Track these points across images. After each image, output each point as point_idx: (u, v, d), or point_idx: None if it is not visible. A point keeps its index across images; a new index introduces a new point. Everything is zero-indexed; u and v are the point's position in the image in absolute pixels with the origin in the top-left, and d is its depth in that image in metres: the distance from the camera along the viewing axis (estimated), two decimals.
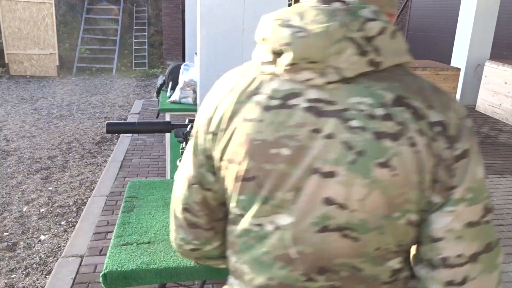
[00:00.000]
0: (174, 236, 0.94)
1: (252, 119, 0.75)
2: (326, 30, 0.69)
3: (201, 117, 0.85)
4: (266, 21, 0.76)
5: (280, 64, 0.73)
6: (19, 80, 9.59)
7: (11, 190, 4.07)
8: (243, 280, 0.85)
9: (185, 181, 0.88)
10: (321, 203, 0.73)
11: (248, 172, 0.77)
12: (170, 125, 1.55)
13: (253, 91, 0.76)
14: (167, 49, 11.94)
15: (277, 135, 0.73)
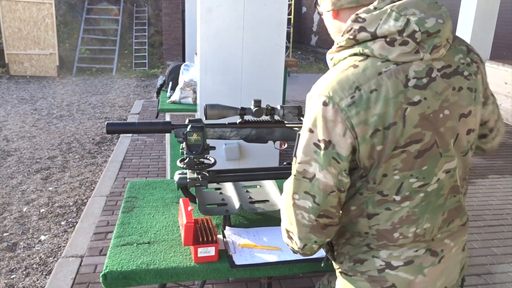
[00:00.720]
0: (303, 243, 1.02)
1: (417, 101, 0.93)
2: (447, 15, 0.99)
3: (355, 125, 0.92)
4: (390, 17, 0.92)
5: (427, 50, 0.93)
6: (19, 80, 9.59)
7: (11, 190, 4.07)
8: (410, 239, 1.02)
9: (319, 193, 0.96)
10: (466, 135, 1.02)
11: (430, 143, 0.95)
12: (170, 125, 1.55)
13: (403, 80, 0.92)
14: (167, 49, 11.94)
15: (439, 103, 0.95)
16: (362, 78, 0.91)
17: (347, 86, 0.91)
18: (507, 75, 6.65)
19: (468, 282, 2.74)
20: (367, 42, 0.93)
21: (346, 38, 0.96)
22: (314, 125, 0.94)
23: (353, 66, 0.93)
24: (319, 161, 0.94)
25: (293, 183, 0.99)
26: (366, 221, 1.03)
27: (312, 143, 0.95)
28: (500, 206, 3.85)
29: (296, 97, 8.39)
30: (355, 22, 0.94)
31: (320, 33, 16.58)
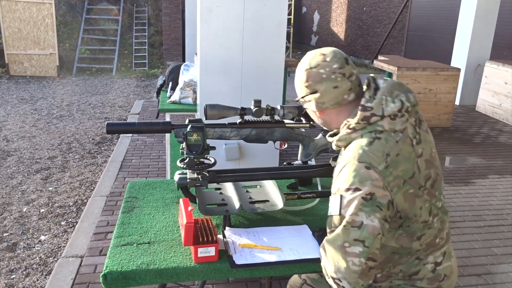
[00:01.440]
0: (352, 287, 1.17)
1: (421, 153, 1.27)
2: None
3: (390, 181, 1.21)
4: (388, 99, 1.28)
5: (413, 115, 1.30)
6: (19, 81, 9.59)
7: (11, 191, 4.07)
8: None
9: (368, 237, 1.17)
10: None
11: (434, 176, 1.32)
12: (170, 125, 1.55)
13: (409, 142, 1.26)
14: (167, 49, 11.94)
15: (429, 147, 1.32)
16: (388, 148, 1.22)
17: (380, 154, 1.21)
18: (507, 75, 6.65)
19: (468, 282, 2.74)
20: (377, 122, 1.24)
21: (359, 123, 1.25)
22: (360, 184, 1.18)
23: (377, 139, 1.23)
24: (366, 210, 1.17)
25: (342, 234, 1.18)
26: (418, 242, 1.33)
27: (360, 197, 1.17)
28: (500, 206, 3.85)
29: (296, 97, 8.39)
30: (365, 111, 1.25)
31: (320, 33, 16.59)
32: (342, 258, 1.17)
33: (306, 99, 1.33)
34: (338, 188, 1.22)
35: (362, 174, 1.18)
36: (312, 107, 1.33)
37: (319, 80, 1.28)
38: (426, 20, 11.21)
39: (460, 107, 7.53)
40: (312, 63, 1.30)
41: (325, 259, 1.23)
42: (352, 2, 14.35)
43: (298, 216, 1.71)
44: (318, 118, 1.39)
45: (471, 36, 7.48)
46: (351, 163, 1.20)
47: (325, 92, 1.29)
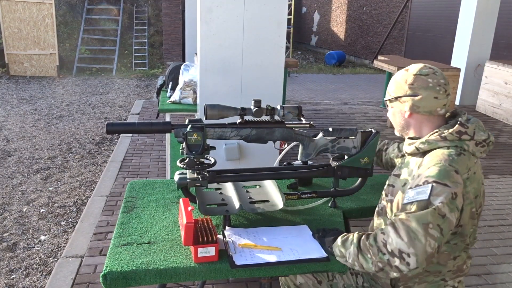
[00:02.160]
0: (417, 265, 1.25)
1: (483, 183, 1.44)
2: None
3: (466, 191, 1.36)
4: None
5: (487, 151, 1.44)
6: (19, 81, 9.59)
7: (11, 191, 4.07)
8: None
9: (446, 228, 1.27)
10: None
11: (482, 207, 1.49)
12: (170, 125, 1.55)
13: (481, 170, 1.44)
14: (167, 49, 11.94)
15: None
16: (470, 164, 1.37)
17: (465, 167, 1.35)
18: (507, 75, 6.65)
19: (468, 282, 2.74)
20: (465, 141, 1.39)
21: (452, 134, 1.39)
22: (450, 182, 1.29)
23: (462, 155, 1.37)
24: (450, 206, 1.27)
25: (430, 215, 1.26)
26: (452, 262, 1.45)
27: (449, 192, 1.28)
28: (500, 206, 3.85)
29: (296, 97, 8.40)
30: (462, 127, 1.40)
31: (320, 33, 16.59)
32: (423, 235, 1.24)
33: (402, 99, 1.46)
34: (426, 180, 1.30)
35: (452, 176, 1.30)
36: (405, 108, 1.46)
37: (424, 86, 1.43)
38: (426, 20, 11.21)
39: (460, 107, 7.53)
40: (423, 71, 1.45)
41: (394, 234, 1.26)
42: (352, 2, 14.35)
43: (298, 216, 1.71)
44: (402, 120, 1.50)
45: (471, 36, 7.48)
46: (442, 164, 1.32)
47: (425, 98, 1.43)
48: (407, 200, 1.32)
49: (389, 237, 1.27)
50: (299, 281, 1.73)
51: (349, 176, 1.73)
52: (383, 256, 1.27)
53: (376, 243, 1.30)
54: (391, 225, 1.29)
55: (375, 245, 1.29)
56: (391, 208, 1.48)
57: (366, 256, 1.30)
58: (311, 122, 1.68)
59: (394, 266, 1.25)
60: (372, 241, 1.31)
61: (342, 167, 1.71)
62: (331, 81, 10.55)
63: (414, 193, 1.31)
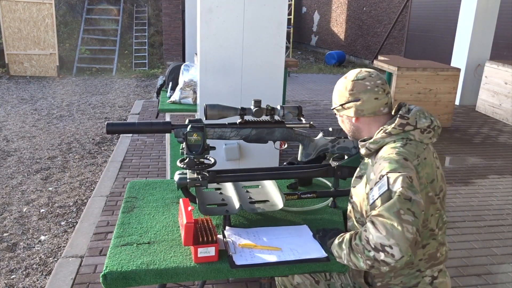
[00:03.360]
0: (402, 255, 1.24)
1: (438, 166, 1.51)
2: None
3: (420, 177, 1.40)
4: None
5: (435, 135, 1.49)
6: (19, 81, 9.59)
7: (11, 191, 4.07)
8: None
9: (417, 209, 1.28)
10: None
11: (445, 190, 1.54)
12: (170, 125, 1.55)
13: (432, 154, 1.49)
14: (167, 49, 11.94)
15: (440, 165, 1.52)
16: (418, 151, 1.43)
17: (413, 154, 1.41)
18: (507, 75, 6.65)
19: (468, 282, 2.74)
20: (410, 131, 1.44)
21: (396, 129, 1.45)
22: (402, 169, 1.34)
23: (408, 144, 1.43)
24: (411, 188, 1.30)
25: (397, 202, 1.27)
26: (421, 250, 1.47)
27: (404, 176, 1.32)
28: (500, 206, 3.85)
29: (296, 97, 8.40)
30: (402, 119, 1.45)
31: (320, 33, 16.59)
32: (398, 223, 1.24)
33: (346, 106, 1.51)
34: (381, 175, 1.35)
35: (402, 163, 1.36)
36: (350, 113, 1.52)
37: (363, 90, 1.49)
38: (426, 20, 11.21)
39: (460, 107, 7.53)
40: (360, 76, 1.51)
41: (373, 229, 1.28)
42: (352, 2, 14.35)
43: (298, 216, 1.71)
44: (351, 125, 1.55)
45: (471, 36, 7.48)
46: (390, 156, 1.38)
47: (367, 101, 1.49)
48: (372, 199, 1.36)
49: (369, 234, 1.29)
50: (296, 281, 1.72)
51: (349, 176, 1.73)
52: (368, 253, 1.28)
53: (361, 242, 1.32)
54: (370, 222, 1.31)
55: (361, 243, 1.31)
56: (356, 209, 1.52)
57: (357, 255, 1.32)
58: (311, 122, 1.68)
59: (381, 261, 1.26)
60: (358, 240, 1.33)
61: (342, 167, 1.71)
62: (331, 81, 10.55)
63: (376, 190, 1.35)
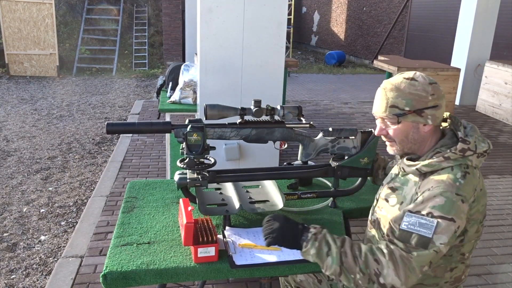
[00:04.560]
0: None
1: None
2: None
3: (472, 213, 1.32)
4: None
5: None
6: (19, 81, 9.59)
7: (11, 191, 4.07)
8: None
9: (435, 260, 1.29)
10: None
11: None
12: (170, 125, 1.55)
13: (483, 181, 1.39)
14: (167, 49, 11.94)
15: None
16: (475, 182, 1.32)
17: (471, 189, 1.30)
18: (507, 75, 6.65)
19: (468, 282, 2.74)
20: (469, 156, 1.32)
21: (456, 154, 1.32)
22: (456, 217, 1.25)
23: (468, 175, 1.31)
24: (451, 240, 1.26)
25: (430, 257, 1.25)
26: (449, 273, 1.42)
27: (453, 229, 1.25)
28: (500, 206, 3.85)
29: (296, 97, 8.39)
30: (464, 144, 1.33)
31: (320, 33, 16.59)
32: (416, 275, 1.25)
33: (428, 111, 1.34)
34: (432, 213, 1.25)
35: (458, 207, 1.26)
36: (428, 121, 1.36)
37: (441, 95, 1.37)
38: (426, 20, 11.21)
39: (460, 107, 7.53)
40: (431, 79, 1.37)
41: (392, 272, 1.24)
42: (352, 2, 14.35)
43: (298, 216, 1.71)
44: (417, 135, 1.39)
45: (471, 36, 7.47)
46: (449, 193, 1.26)
47: (442, 108, 1.37)
48: (406, 227, 1.27)
49: (384, 270, 1.25)
50: (299, 278, 1.73)
51: (349, 176, 1.73)
52: (372, 285, 1.25)
53: (367, 270, 1.26)
54: (391, 259, 1.26)
55: (366, 272, 1.26)
56: (384, 224, 1.44)
57: (349, 277, 1.27)
58: (311, 122, 1.68)
59: None
60: (364, 268, 1.26)
61: (342, 167, 1.71)
62: (331, 81, 10.55)
63: (416, 223, 1.26)
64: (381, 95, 1.39)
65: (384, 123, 1.42)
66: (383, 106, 1.38)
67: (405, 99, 1.34)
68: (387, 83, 1.40)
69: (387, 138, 1.44)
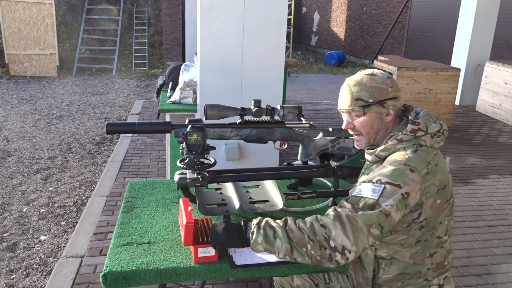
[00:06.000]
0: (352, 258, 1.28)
1: (449, 171, 1.47)
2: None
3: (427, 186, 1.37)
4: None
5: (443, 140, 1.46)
6: (19, 81, 9.59)
7: (11, 191, 4.07)
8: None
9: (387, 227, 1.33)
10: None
11: (453, 195, 1.50)
12: (170, 125, 1.55)
13: (443, 159, 1.45)
14: (167, 49, 11.94)
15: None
16: (429, 157, 1.39)
17: (422, 161, 1.37)
18: (507, 75, 6.65)
19: (468, 282, 2.74)
20: (421, 137, 1.41)
21: (407, 135, 1.41)
22: (403, 182, 1.32)
23: (419, 151, 1.39)
24: (398, 205, 1.31)
25: (376, 217, 1.29)
26: (429, 259, 1.45)
27: (400, 193, 1.31)
28: (500, 206, 3.85)
29: (296, 97, 8.40)
30: (414, 125, 1.42)
31: (320, 33, 16.59)
32: (365, 236, 1.27)
33: (389, 102, 1.45)
34: (380, 179, 1.34)
35: (405, 175, 1.33)
36: (390, 111, 1.46)
37: (399, 88, 1.48)
38: (426, 20, 11.21)
39: (460, 107, 7.53)
40: (388, 74, 1.50)
41: (341, 231, 1.27)
42: (352, 2, 14.35)
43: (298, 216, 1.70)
44: (381, 124, 1.49)
45: (471, 36, 7.48)
46: (397, 163, 1.36)
47: (401, 99, 1.48)
48: (357, 193, 1.35)
49: (332, 232, 1.27)
50: (296, 283, 1.72)
51: (349, 176, 1.73)
52: (324, 251, 1.26)
53: (316, 237, 1.27)
54: (337, 220, 1.29)
55: (316, 239, 1.27)
56: None
57: (301, 250, 1.27)
58: (311, 122, 1.68)
59: (334, 260, 1.26)
60: (312, 236, 1.27)
61: (342, 167, 1.71)
62: (331, 81, 10.55)
63: (367, 189, 1.33)
64: (346, 91, 1.49)
65: (350, 117, 1.51)
66: (349, 100, 1.47)
67: (368, 92, 1.45)
68: (350, 80, 1.50)
69: (354, 131, 1.53)
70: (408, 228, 1.40)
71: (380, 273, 1.49)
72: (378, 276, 1.50)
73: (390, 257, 1.46)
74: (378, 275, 1.50)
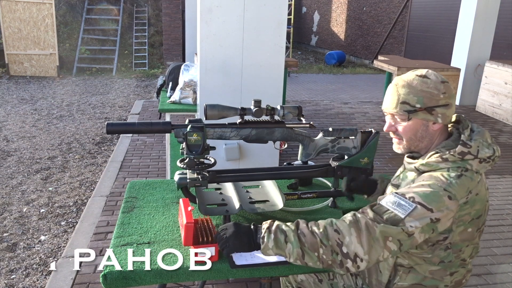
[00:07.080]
0: (363, 269, 1.25)
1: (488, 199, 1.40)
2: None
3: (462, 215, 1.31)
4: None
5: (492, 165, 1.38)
6: (19, 81, 9.58)
7: (11, 191, 4.07)
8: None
9: (407, 246, 1.27)
10: None
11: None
12: (170, 125, 1.55)
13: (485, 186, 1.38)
14: (167, 49, 11.94)
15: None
16: (471, 185, 1.29)
17: (463, 190, 1.28)
18: (507, 75, 6.65)
19: (468, 282, 2.73)
20: (468, 160, 1.31)
21: (454, 156, 1.31)
22: (436, 209, 1.24)
23: (464, 176, 1.29)
24: (425, 228, 1.24)
25: (395, 233, 1.22)
26: (449, 278, 1.42)
27: (429, 218, 1.23)
28: (500, 206, 3.85)
29: (296, 97, 8.40)
30: (464, 147, 1.32)
31: (320, 33, 16.59)
32: (381, 247, 1.22)
33: (438, 110, 1.34)
34: (413, 197, 1.25)
35: (442, 201, 1.25)
36: (438, 119, 1.36)
37: (452, 95, 1.38)
38: (426, 20, 11.21)
39: (460, 107, 7.53)
40: (443, 78, 1.38)
41: (355, 238, 1.22)
42: (352, 2, 14.35)
43: (298, 216, 1.70)
44: (425, 133, 1.38)
45: (471, 36, 7.47)
46: (438, 186, 1.26)
47: (453, 107, 1.37)
48: (385, 204, 1.27)
49: (346, 238, 1.22)
50: (300, 278, 1.73)
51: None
52: (336, 256, 1.22)
53: (329, 242, 1.23)
54: (354, 226, 1.24)
55: (328, 244, 1.23)
56: None
57: (313, 255, 1.24)
58: (311, 122, 1.68)
59: (345, 267, 1.22)
60: (325, 240, 1.23)
61: (342, 167, 1.71)
62: (331, 81, 10.55)
63: (396, 203, 1.26)
64: (393, 91, 1.38)
65: (393, 120, 1.41)
66: (394, 102, 1.37)
67: (417, 96, 1.34)
68: (399, 79, 1.38)
69: (395, 135, 1.44)
70: (433, 248, 1.36)
71: (396, 279, 1.45)
72: (393, 282, 1.46)
73: (409, 266, 1.43)
74: (394, 281, 1.46)
